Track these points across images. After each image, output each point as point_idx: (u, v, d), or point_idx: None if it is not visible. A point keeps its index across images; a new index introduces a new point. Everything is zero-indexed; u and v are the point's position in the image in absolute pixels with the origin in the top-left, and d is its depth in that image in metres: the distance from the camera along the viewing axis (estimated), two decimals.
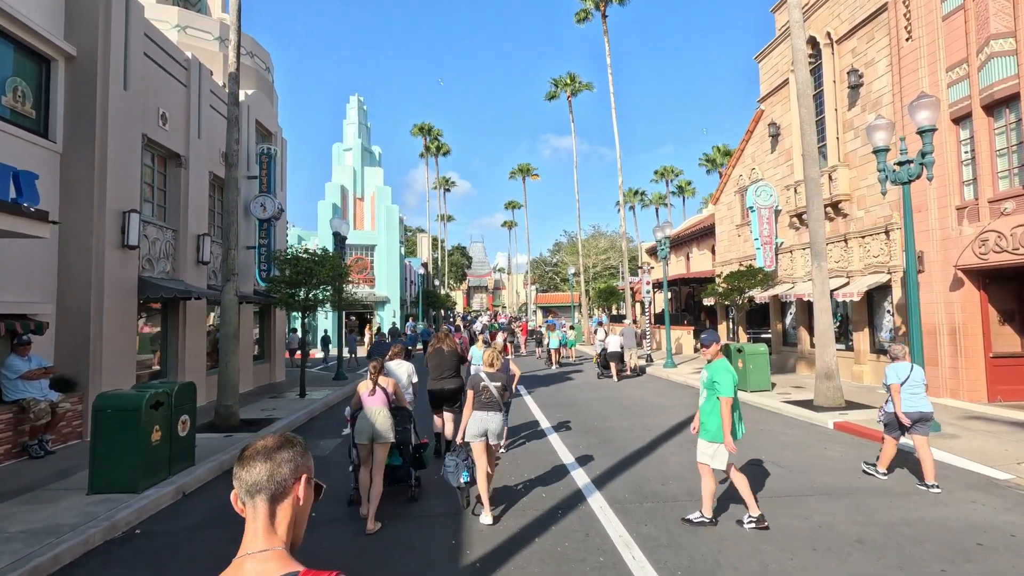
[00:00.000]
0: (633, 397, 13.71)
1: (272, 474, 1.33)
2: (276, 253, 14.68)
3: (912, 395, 6.38)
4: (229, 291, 10.52)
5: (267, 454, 1.35)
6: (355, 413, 5.86)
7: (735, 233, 20.67)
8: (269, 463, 1.34)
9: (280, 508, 1.34)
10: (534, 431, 9.91)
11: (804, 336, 16.42)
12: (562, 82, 35.05)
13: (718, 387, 5.30)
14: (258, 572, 1.24)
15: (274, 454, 1.36)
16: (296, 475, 1.36)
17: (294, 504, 1.35)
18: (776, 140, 17.73)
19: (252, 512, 1.32)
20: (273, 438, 1.40)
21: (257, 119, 16.32)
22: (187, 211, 12.33)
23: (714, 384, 5.34)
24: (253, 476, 1.33)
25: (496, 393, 5.75)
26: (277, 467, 1.34)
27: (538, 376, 18.69)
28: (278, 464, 1.34)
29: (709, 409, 5.39)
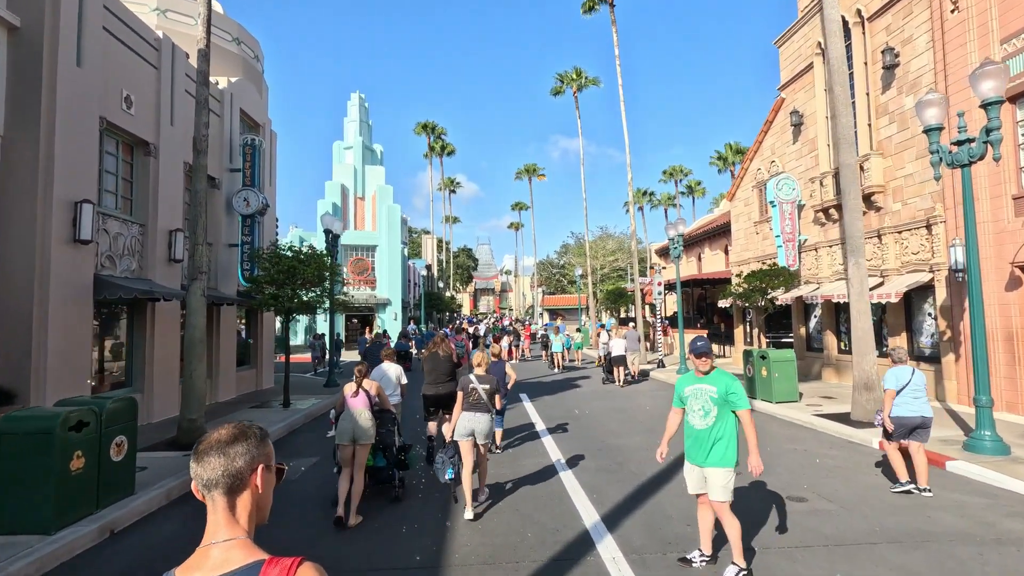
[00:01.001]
0: (646, 408, 12.49)
1: (227, 468, 1.31)
2: (258, 251, 13.60)
3: (914, 399, 6.26)
4: (195, 291, 9.42)
5: (220, 448, 1.32)
6: (339, 414, 5.96)
7: (753, 231, 19.40)
8: (223, 458, 1.32)
9: (239, 499, 1.33)
10: (538, 451, 8.72)
11: (831, 341, 15.14)
12: (568, 77, 33.89)
13: (735, 399, 4.33)
14: (223, 560, 1.24)
15: (228, 448, 1.33)
16: (252, 466, 1.35)
17: (253, 494, 1.35)
18: (799, 130, 16.47)
19: (211, 505, 1.31)
20: (227, 430, 1.37)
21: (242, 108, 15.27)
22: (157, 204, 11.26)
23: (729, 397, 4.33)
24: (208, 472, 1.31)
25: (484, 395, 5.98)
26: (231, 461, 1.32)
27: (543, 383, 17.49)
28: (232, 459, 1.32)
29: (720, 430, 4.32)
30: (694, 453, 4.42)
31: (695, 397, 4.46)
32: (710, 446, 4.31)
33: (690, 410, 4.49)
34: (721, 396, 4.33)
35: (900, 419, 6.27)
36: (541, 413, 11.93)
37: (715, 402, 4.34)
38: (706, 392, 4.39)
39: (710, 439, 4.32)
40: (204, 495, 1.32)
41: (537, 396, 14.42)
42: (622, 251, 66.49)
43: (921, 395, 6.28)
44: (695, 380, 4.50)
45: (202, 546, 1.29)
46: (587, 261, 34.20)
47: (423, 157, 55.27)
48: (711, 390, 4.37)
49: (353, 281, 34.91)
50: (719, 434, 4.31)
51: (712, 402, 4.35)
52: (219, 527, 1.30)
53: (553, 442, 9.21)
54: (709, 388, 4.39)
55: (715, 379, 4.41)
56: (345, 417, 5.85)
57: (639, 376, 17.98)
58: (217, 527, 1.30)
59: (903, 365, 6.49)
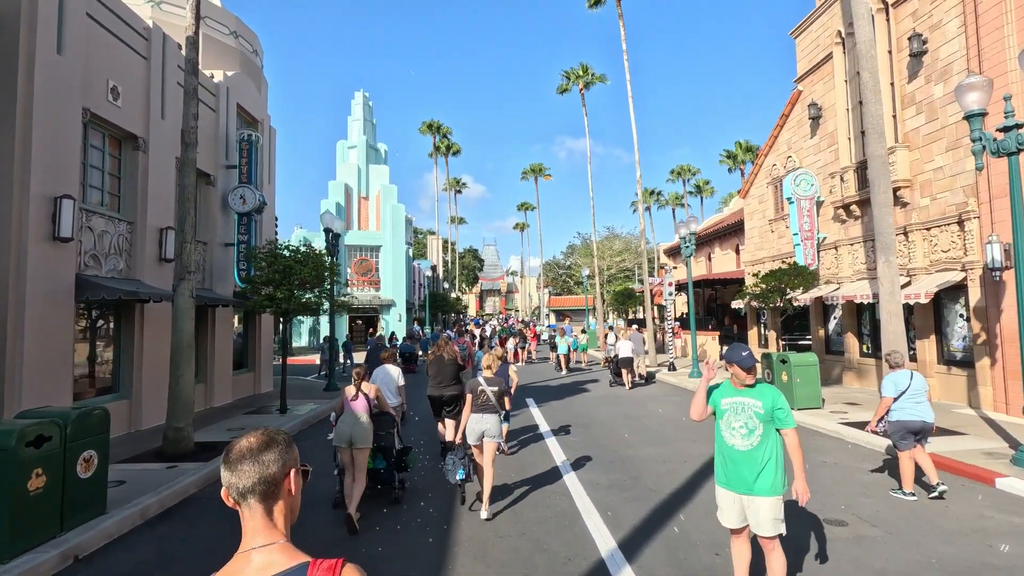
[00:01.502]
0: (659, 415, 11.86)
1: (262, 475, 1.32)
2: (254, 250, 13.08)
3: (916, 404, 6.13)
4: (183, 292, 8.90)
5: (253, 456, 1.33)
6: (339, 417, 5.98)
7: (767, 229, 18.72)
8: (257, 465, 1.33)
9: (275, 505, 1.34)
10: (545, 461, 8.12)
11: (852, 343, 14.45)
12: (574, 74, 33.26)
13: (782, 416, 3.73)
14: (266, 564, 1.26)
15: (260, 455, 1.34)
16: (285, 471, 1.36)
17: (286, 498, 1.37)
18: (817, 123, 15.79)
19: (248, 512, 1.33)
20: (257, 437, 1.38)
21: (239, 103, 14.77)
22: (147, 201, 10.76)
23: (776, 413, 3.73)
24: (243, 480, 1.32)
25: (492, 397, 6.06)
26: (266, 468, 1.33)
27: (550, 387, 16.89)
28: (266, 466, 1.33)
29: (766, 452, 3.71)
30: (735, 479, 3.78)
31: (735, 412, 3.84)
32: (757, 471, 3.69)
33: (726, 427, 3.88)
34: (768, 412, 3.73)
35: (902, 423, 6.14)
36: (549, 419, 11.33)
37: (761, 419, 3.73)
38: (750, 407, 3.78)
39: (756, 462, 3.71)
40: (239, 502, 1.34)
41: (544, 401, 13.82)
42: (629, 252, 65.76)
43: (923, 399, 6.15)
44: (735, 392, 3.89)
45: (241, 551, 1.30)
46: (594, 261, 33.52)
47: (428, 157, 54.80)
48: (756, 405, 3.76)
49: (357, 282, 34.43)
50: (765, 456, 3.70)
51: (757, 419, 3.75)
52: (257, 532, 1.31)
53: (561, 451, 8.61)
54: (753, 403, 3.78)
55: (761, 393, 3.80)
56: (343, 420, 5.86)
57: (646, 378, 17.66)
58: (255, 532, 1.31)
59: (901, 370, 6.38)
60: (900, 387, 6.19)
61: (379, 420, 6.20)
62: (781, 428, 3.73)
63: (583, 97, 33.26)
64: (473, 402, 6.06)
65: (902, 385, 6.20)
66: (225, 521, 5.98)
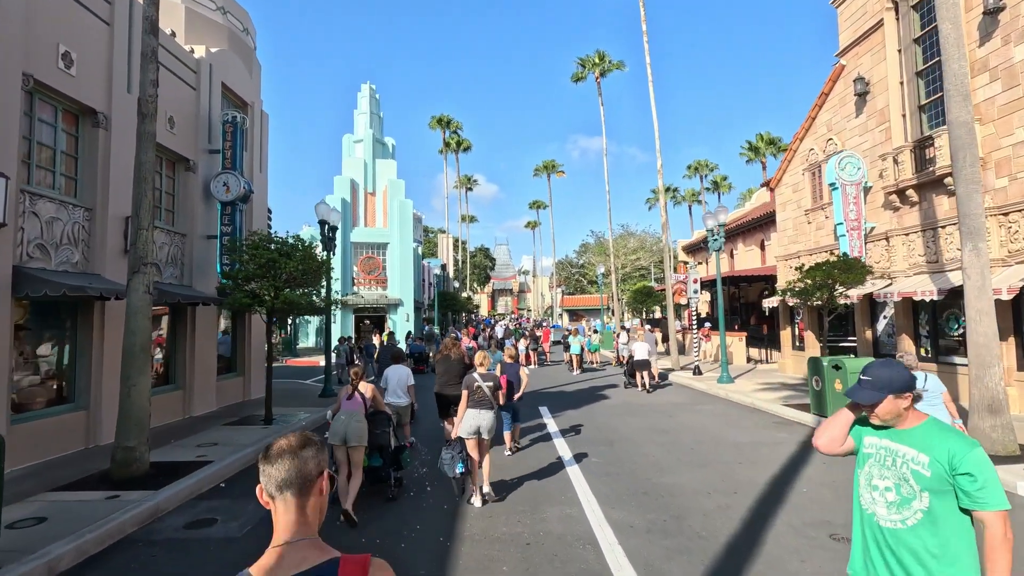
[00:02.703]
0: (692, 427, 10.37)
1: (300, 470, 1.41)
2: (235, 242, 11.78)
3: (931, 407, 5.66)
4: (137, 287, 7.58)
5: (293, 452, 1.42)
6: (334, 416, 6.10)
7: (803, 220, 17.09)
8: (297, 460, 1.41)
9: (309, 501, 1.42)
10: (565, 493, 6.67)
11: (907, 346, 12.82)
12: (590, 61, 31.76)
13: (973, 488, 2.13)
14: (300, 559, 1.32)
15: (299, 452, 1.43)
16: (320, 469, 1.45)
17: (319, 495, 1.45)
18: (864, 100, 14.16)
19: (283, 506, 1.39)
20: (295, 436, 1.47)
21: (225, 83, 13.50)
22: (109, 185, 9.48)
23: (959, 480, 2.17)
24: (282, 474, 1.40)
25: (488, 392, 6.26)
26: (304, 464, 1.42)
27: (565, 393, 15.43)
28: (305, 462, 1.42)
29: (932, 540, 2.21)
30: (876, 566, 2.32)
31: (880, 463, 2.35)
32: (909, 567, 2.23)
33: (866, 483, 2.40)
34: (939, 474, 2.20)
35: None
36: (566, 434, 9.88)
37: (923, 483, 2.23)
38: (904, 460, 2.29)
39: (908, 552, 2.24)
40: (275, 496, 1.40)
41: (560, 410, 12.37)
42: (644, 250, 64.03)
43: (938, 402, 5.77)
44: (881, 432, 2.42)
45: (274, 546, 1.36)
46: (611, 259, 32.00)
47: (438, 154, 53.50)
48: (915, 458, 2.26)
49: (363, 281, 33.20)
50: (931, 549, 2.20)
51: (916, 481, 2.25)
52: (291, 527, 1.38)
53: (584, 480, 7.16)
54: (911, 453, 2.28)
55: (925, 437, 2.29)
56: (338, 419, 5.98)
57: (659, 379, 17.18)
58: (289, 527, 1.38)
59: (914, 371, 5.77)
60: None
61: (375, 419, 6.29)
62: (976, 509, 2.21)
63: (599, 86, 31.77)
64: (469, 398, 6.26)
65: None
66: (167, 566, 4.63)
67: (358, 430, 5.90)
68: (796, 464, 7.77)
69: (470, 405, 6.22)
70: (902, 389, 2.34)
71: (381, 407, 6.39)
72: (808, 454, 8.23)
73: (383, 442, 6.37)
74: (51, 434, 8.40)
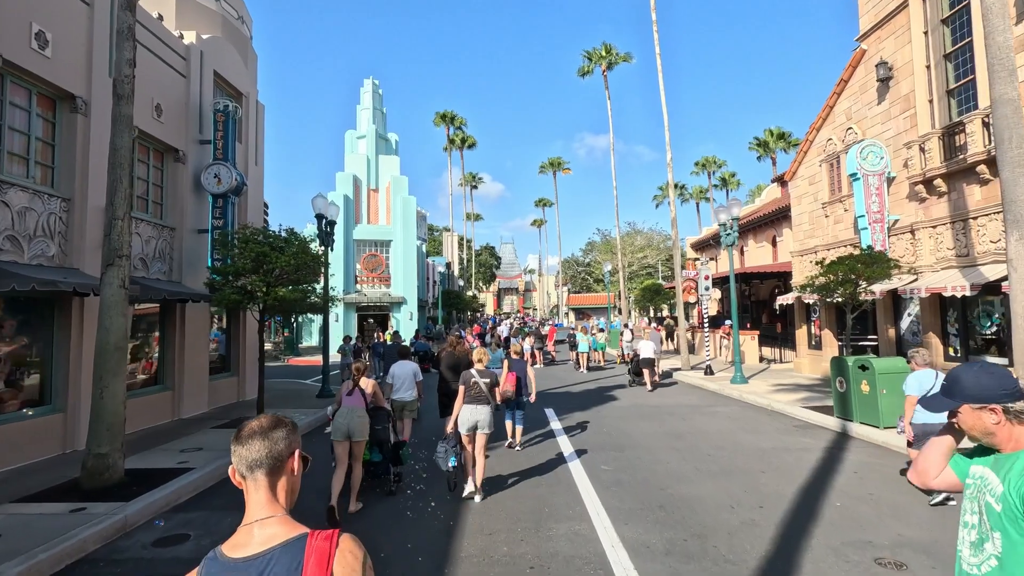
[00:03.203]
0: (709, 431, 9.74)
1: (270, 450, 1.42)
2: (226, 235, 11.24)
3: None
4: (111, 281, 7.04)
5: (263, 433, 1.44)
6: (336, 411, 6.13)
7: (820, 213, 16.39)
8: (267, 441, 1.43)
9: (279, 480, 1.44)
10: (574, 508, 6.07)
11: (934, 345, 12.12)
12: (596, 54, 31.08)
13: None
14: (270, 535, 1.35)
15: (270, 433, 1.45)
16: (290, 450, 1.47)
17: (290, 475, 1.46)
18: (886, 86, 13.46)
19: (253, 484, 1.41)
20: (265, 419, 1.49)
21: (217, 71, 12.96)
22: (88, 174, 8.95)
23: None
24: (253, 453, 1.41)
25: (485, 388, 6.37)
26: (275, 444, 1.43)
27: (572, 394, 14.82)
28: (275, 442, 1.44)
29: None
30: None
31: (971, 495, 1.83)
32: None
33: (960, 517, 1.86)
34: (1009, 509, 1.66)
35: (925, 426, 5.70)
36: (574, 439, 9.28)
37: (993, 520, 1.70)
38: (986, 490, 1.77)
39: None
40: (245, 476, 1.41)
41: (566, 412, 11.77)
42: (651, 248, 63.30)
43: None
44: (987, 459, 1.83)
45: (245, 523, 1.38)
46: (619, 256, 31.34)
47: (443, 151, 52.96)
48: (994, 489, 1.74)
49: (366, 278, 32.69)
50: None
51: (988, 518, 1.72)
52: (261, 505, 1.39)
53: (593, 491, 6.55)
54: (994, 483, 1.74)
55: (1006, 461, 1.75)
56: (340, 414, 6.03)
57: (663, 377, 17.27)
58: (259, 505, 1.39)
59: (926, 369, 6.14)
60: (924, 387, 5.87)
61: (375, 415, 6.35)
62: None
63: (606, 79, 31.09)
64: (466, 393, 6.32)
65: (926, 385, 5.87)
66: None
67: (360, 424, 5.99)
68: (825, 473, 7.14)
69: (466, 401, 6.31)
70: (985, 399, 1.77)
71: (381, 403, 6.44)
72: (836, 462, 7.59)
73: (383, 437, 6.47)
74: (26, 438, 7.89)
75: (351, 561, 1.33)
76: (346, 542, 1.35)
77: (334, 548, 1.33)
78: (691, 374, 18.10)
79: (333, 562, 1.31)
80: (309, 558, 1.31)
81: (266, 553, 1.31)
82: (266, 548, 1.32)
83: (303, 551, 1.31)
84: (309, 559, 1.30)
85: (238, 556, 1.32)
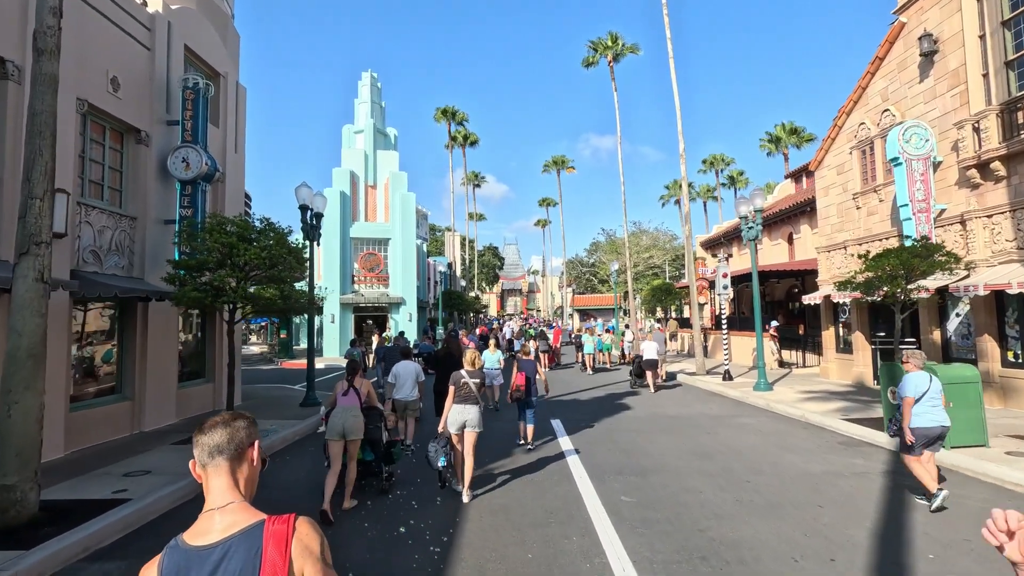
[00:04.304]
0: (740, 449, 8.42)
1: (232, 438, 1.48)
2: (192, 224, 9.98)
3: (932, 408, 5.69)
4: (25, 274, 5.79)
5: (225, 423, 1.50)
6: (329, 411, 6.19)
7: (851, 205, 15.05)
8: (228, 429, 1.49)
9: (239, 468, 1.48)
10: (587, 545, 4.76)
11: (990, 350, 10.77)
12: (602, 44, 29.75)
13: None
14: (230, 523, 1.38)
15: (231, 423, 1.51)
16: (251, 440, 1.52)
17: (250, 464, 1.51)
18: (930, 61, 12.12)
19: (215, 471, 1.44)
20: (228, 413, 1.55)
21: (189, 46, 11.73)
22: (20, 150, 7.70)
23: None
24: (215, 440, 1.46)
25: (474, 388, 6.47)
26: (236, 432, 1.49)
27: (580, 401, 13.53)
28: (236, 430, 1.50)
29: None
30: None
31: None
32: None
33: None
34: None
35: (922, 430, 5.64)
36: (587, 459, 7.97)
37: None
38: None
39: None
40: (207, 464, 1.45)
41: (576, 425, 10.46)
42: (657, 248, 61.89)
43: (938, 403, 5.74)
44: None
45: (206, 511, 1.41)
46: (627, 255, 29.99)
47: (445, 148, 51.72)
48: None
49: (364, 278, 31.44)
50: None
51: None
52: (222, 492, 1.42)
53: (614, 531, 5.24)
54: None
55: None
56: (336, 414, 6.07)
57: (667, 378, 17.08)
58: (220, 492, 1.42)
59: (920, 371, 5.90)
60: (920, 389, 5.74)
61: (368, 415, 6.34)
62: None
63: (612, 71, 29.74)
64: (456, 393, 6.41)
65: (922, 388, 5.75)
66: None
67: (356, 424, 6.03)
68: (897, 509, 5.81)
69: (456, 401, 6.42)
70: None
71: (375, 403, 6.51)
72: (905, 492, 6.26)
73: (375, 436, 6.49)
74: None
75: (308, 543, 1.37)
76: (303, 525, 1.39)
77: (291, 531, 1.37)
78: (708, 379, 16.79)
79: (291, 545, 1.35)
80: (267, 543, 1.35)
81: (226, 540, 1.35)
82: (226, 536, 1.35)
83: (261, 537, 1.35)
84: (267, 544, 1.35)
85: (199, 544, 1.36)
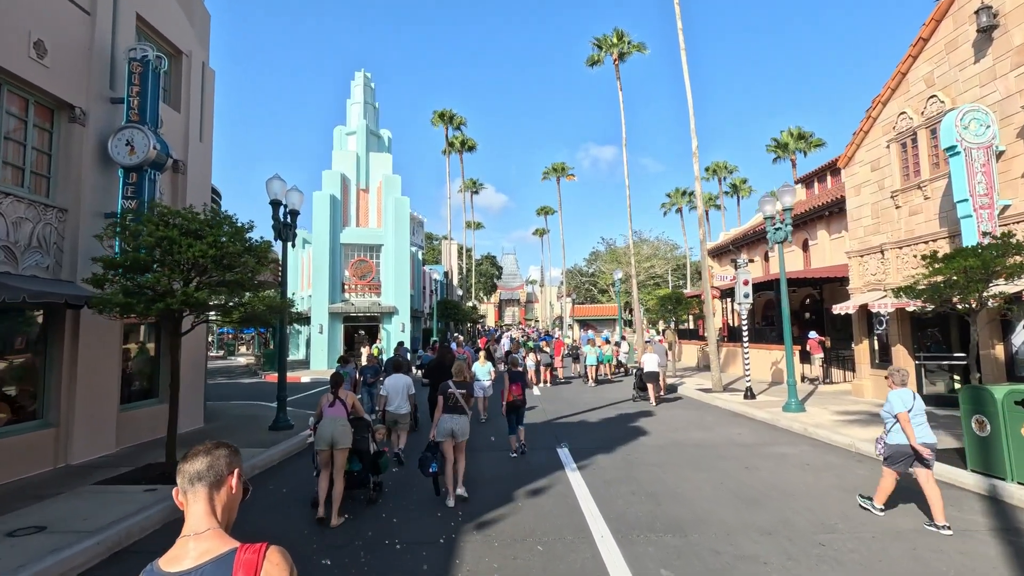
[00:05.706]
0: (795, 492, 6.78)
1: (212, 466, 1.57)
2: (125, 216, 8.38)
3: (918, 426, 5.62)
4: None
5: (207, 451, 1.60)
6: (317, 423, 6.30)
7: (888, 204, 13.53)
8: (209, 457, 1.58)
9: (217, 495, 1.56)
10: None
11: None
12: (607, 42, 28.41)
13: None
14: (204, 550, 1.45)
15: (213, 451, 1.60)
16: (231, 468, 1.61)
17: (228, 492, 1.59)
18: (989, 37, 10.66)
19: (194, 497, 1.53)
20: (212, 442, 1.65)
21: (142, 15, 10.22)
22: None
23: None
24: (196, 467, 1.55)
25: (461, 399, 6.71)
26: (216, 460, 1.58)
27: (588, 423, 11.88)
28: (217, 458, 1.59)
29: None
30: None
31: None
32: None
33: None
34: None
35: (902, 447, 5.62)
36: (606, 509, 6.31)
37: None
38: None
39: None
40: (187, 491, 1.53)
41: (587, 456, 8.82)
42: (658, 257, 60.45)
43: (923, 420, 5.65)
44: None
45: (182, 536, 1.48)
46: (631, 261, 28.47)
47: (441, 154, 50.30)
48: None
49: (354, 286, 29.82)
50: None
51: None
52: (199, 517, 1.50)
53: None
54: None
55: None
56: (324, 424, 6.17)
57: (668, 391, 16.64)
58: (197, 517, 1.50)
59: (904, 388, 5.76)
60: (907, 405, 5.59)
61: (355, 425, 6.40)
62: None
63: (617, 70, 28.38)
64: (445, 403, 6.69)
65: (908, 403, 5.61)
66: None
67: (344, 433, 6.14)
68: None
69: (445, 411, 6.64)
70: None
71: (361, 414, 6.57)
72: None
73: (363, 447, 6.52)
74: None
75: (277, 573, 1.43)
76: (273, 554, 1.45)
77: (261, 560, 1.42)
78: (727, 396, 15.18)
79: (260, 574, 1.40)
80: (237, 571, 1.40)
81: (199, 567, 1.41)
82: (199, 563, 1.41)
83: (232, 565, 1.41)
84: (237, 573, 1.40)
85: (173, 570, 1.42)
